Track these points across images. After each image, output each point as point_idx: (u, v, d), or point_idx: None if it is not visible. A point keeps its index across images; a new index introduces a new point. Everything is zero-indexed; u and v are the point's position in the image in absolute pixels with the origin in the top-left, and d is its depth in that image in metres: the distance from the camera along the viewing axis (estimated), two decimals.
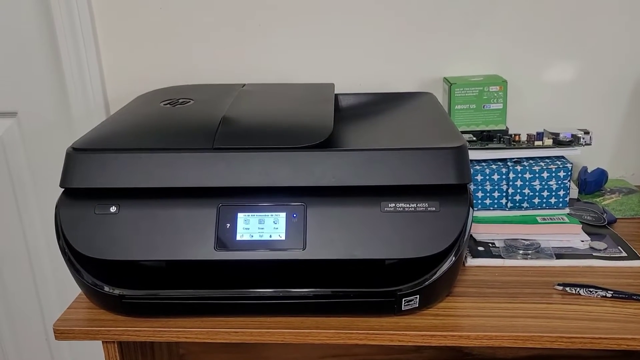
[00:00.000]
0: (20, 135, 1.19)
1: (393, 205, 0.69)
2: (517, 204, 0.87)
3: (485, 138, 0.93)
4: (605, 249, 0.82)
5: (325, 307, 0.69)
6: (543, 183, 0.86)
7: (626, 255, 0.80)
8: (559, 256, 0.81)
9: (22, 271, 1.28)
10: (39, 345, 1.33)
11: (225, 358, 1.01)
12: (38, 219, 1.23)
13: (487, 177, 0.86)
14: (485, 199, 0.88)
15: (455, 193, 0.70)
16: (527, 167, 0.86)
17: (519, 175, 0.86)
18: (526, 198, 0.87)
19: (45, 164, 1.18)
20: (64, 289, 1.24)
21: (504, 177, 0.86)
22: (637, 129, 1.08)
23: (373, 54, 1.08)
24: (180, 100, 0.86)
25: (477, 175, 0.86)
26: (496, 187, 0.87)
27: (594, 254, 0.81)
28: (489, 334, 0.67)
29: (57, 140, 1.10)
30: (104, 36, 1.10)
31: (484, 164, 0.88)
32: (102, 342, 0.72)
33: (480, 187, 0.87)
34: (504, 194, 0.87)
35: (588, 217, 0.90)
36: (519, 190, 0.86)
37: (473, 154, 0.87)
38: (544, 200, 0.87)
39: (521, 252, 0.82)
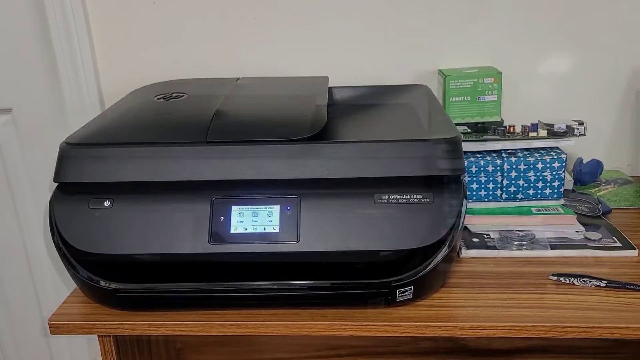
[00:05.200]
0: (15, 132, 1.19)
1: (387, 197, 0.69)
2: (512, 195, 0.87)
3: (480, 130, 0.93)
4: (600, 239, 0.82)
5: (320, 299, 0.69)
6: (538, 174, 0.86)
7: (621, 245, 0.81)
8: (553, 247, 0.81)
9: (20, 267, 1.28)
10: (37, 341, 1.33)
11: (223, 351, 1.01)
12: (34, 215, 1.23)
13: (482, 169, 0.86)
14: (480, 191, 0.88)
15: (448, 184, 0.70)
16: (521, 159, 0.86)
17: (514, 166, 0.86)
18: (521, 189, 0.87)
19: (40, 160, 1.18)
20: (61, 283, 1.25)
21: (498, 168, 0.86)
22: (632, 121, 1.08)
23: (369, 46, 1.08)
24: (174, 95, 0.86)
25: (471, 167, 0.86)
26: (491, 178, 0.87)
27: (588, 244, 0.81)
28: (483, 324, 0.67)
29: (52, 136, 1.09)
30: (97, 32, 1.10)
31: (478, 155, 0.88)
32: (98, 336, 0.72)
33: (475, 179, 0.87)
34: (499, 185, 0.87)
35: (583, 208, 0.90)
36: (513, 182, 0.86)
37: (468, 146, 0.87)
38: (539, 191, 0.87)
39: (516, 243, 0.82)
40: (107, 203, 0.70)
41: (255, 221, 0.69)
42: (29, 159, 1.20)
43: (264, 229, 0.69)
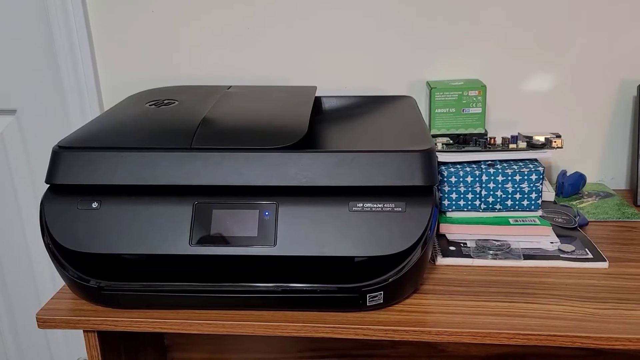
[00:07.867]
0: (19, 132, 1.23)
1: (361, 205, 0.72)
2: (490, 206, 0.90)
3: (461, 141, 0.95)
4: (573, 251, 0.84)
5: (293, 301, 0.72)
6: (515, 186, 0.88)
7: (592, 257, 0.83)
8: (527, 257, 0.83)
9: (21, 264, 1.32)
10: (36, 335, 1.38)
11: (209, 349, 1.04)
12: (35, 213, 1.26)
13: (461, 179, 0.89)
14: (460, 200, 0.90)
15: (421, 194, 0.73)
16: (499, 170, 0.88)
17: (492, 177, 0.88)
18: (499, 200, 0.89)
19: (42, 160, 1.21)
20: (59, 278, 1.28)
21: (477, 179, 0.89)
22: (617, 134, 1.10)
23: (361, 58, 1.10)
24: (165, 101, 0.90)
25: (451, 177, 0.89)
26: (470, 188, 0.89)
27: (561, 256, 0.83)
28: (449, 330, 0.70)
29: (54, 137, 1.13)
30: (98, 39, 1.14)
31: (458, 166, 0.90)
32: (83, 331, 0.76)
33: (454, 189, 0.90)
34: (478, 195, 0.89)
35: (559, 220, 0.92)
36: (491, 192, 0.89)
37: (448, 157, 0.90)
38: (517, 202, 0.89)
39: (491, 252, 0.84)
40: (95, 204, 0.74)
41: (234, 225, 0.73)
42: (32, 158, 1.25)
43: (243, 233, 0.72)
